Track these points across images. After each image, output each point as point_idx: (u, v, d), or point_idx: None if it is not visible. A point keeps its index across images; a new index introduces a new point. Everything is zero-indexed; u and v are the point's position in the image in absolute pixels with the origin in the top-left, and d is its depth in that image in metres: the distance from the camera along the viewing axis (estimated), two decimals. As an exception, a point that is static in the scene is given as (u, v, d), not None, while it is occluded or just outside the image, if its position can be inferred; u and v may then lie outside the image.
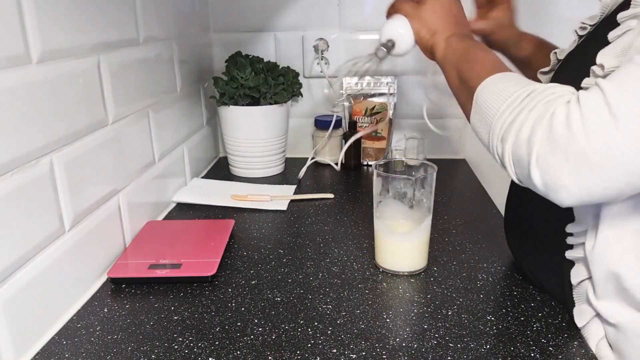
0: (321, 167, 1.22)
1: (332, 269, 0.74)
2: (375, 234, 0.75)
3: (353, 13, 1.22)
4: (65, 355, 0.57)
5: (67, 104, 0.64)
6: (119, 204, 0.79)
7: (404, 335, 0.59)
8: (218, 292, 0.69)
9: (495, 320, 0.62)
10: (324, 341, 0.58)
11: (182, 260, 0.73)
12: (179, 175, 1.05)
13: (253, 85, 1.08)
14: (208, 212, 0.96)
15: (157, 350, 0.57)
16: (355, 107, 1.21)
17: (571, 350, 0.56)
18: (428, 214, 0.72)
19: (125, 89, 0.80)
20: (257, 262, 0.77)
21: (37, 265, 0.59)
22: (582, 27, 0.69)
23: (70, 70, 0.65)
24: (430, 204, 0.72)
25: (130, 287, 0.70)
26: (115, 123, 0.77)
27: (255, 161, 1.15)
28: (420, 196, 0.71)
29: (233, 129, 1.13)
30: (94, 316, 0.64)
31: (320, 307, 0.65)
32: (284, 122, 1.17)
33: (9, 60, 0.54)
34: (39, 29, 0.59)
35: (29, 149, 0.57)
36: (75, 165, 0.66)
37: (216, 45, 1.26)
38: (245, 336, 0.59)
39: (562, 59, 0.70)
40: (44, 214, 0.60)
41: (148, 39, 0.89)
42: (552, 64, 0.73)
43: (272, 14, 1.23)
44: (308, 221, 0.91)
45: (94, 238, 0.71)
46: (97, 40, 0.72)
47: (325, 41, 1.23)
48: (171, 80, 1.00)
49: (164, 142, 0.96)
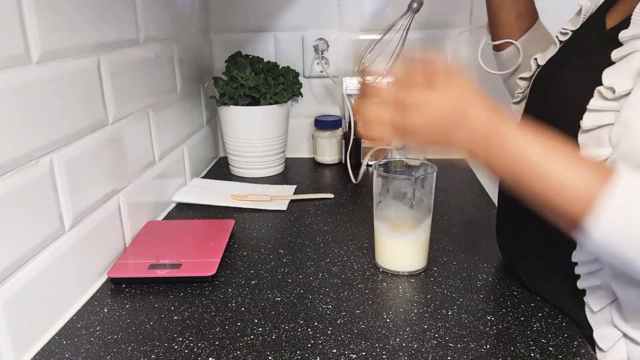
0: (321, 167, 1.22)
1: (332, 269, 0.74)
2: (375, 234, 0.75)
3: (353, 13, 1.22)
4: (65, 355, 0.57)
5: (67, 104, 0.64)
6: (119, 204, 0.79)
7: (404, 335, 0.59)
8: (218, 292, 0.69)
9: (495, 320, 0.62)
10: (324, 341, 0.58)
11: (182, 260, 0.73)
12: (179, 175, 1.05)
13: (253, 85, 1.08)
14: (208, 212, 0.96)
15: (157, 350, 0.57)
16: (356, 107, 1.21)
17: (571, 350, 0.56)
18: (428, 214, 0.72)
19: (125, 89, 0.80)
20: (257, 262, 0.77)
21: (37, 265, 0.59)
22: (564, 33, 0.68)
23: (70, 70, 0.65)
24: (430, 204, 0.72)
25: (130, 287, 0.70)
26: (115, 123, 0.77)
27: (255, 161, 1.15)
28: (420, 196, 0.71)
29: (233, 129, 1.13)
30: (94, 316, 0.64)
31: (320, 307, 0.65)
32: (284, 122, 1.17)
33: (9, 60, 0.54)
34: (39, 29, 0.59)
35: (29, 149, 0.57)
36: (75, 165, 0.66)
37: (216, 45, 1.26)
38: (245, 336, 0.59)
39: (543, 65, 0.69)
40: (44, 214, 0.60)
41: (148, 39, 0.89)
42: (532, 70, 0.71)
43: (272, 14, 1.23)
44: (308, 221, 0.91)
45: (94, 238, 0.71)
46: (97, 40, 0.72)
47: (325, 41, 1.23)
48: (171, 80, 1.00)
49: (164, 142, 0.96)
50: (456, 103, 0.50)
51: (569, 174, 0.47)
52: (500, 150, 0.49)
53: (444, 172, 1.06)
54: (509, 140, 0.49)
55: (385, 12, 1.21)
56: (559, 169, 0.48)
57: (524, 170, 0.49)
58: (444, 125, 0.50)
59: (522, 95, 0.74)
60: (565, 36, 0.68)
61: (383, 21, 1.22)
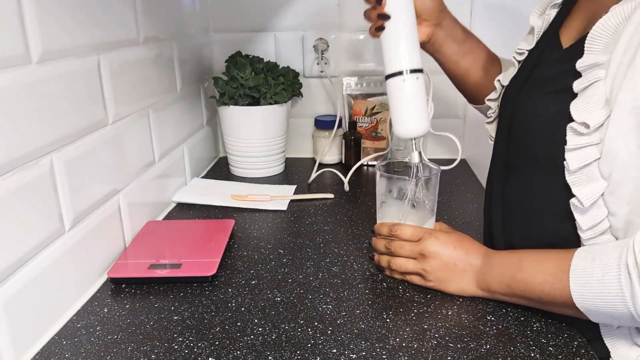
0: (321, 167, 1.22)
1: (332, 269, 0.74)
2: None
3: (353, 13, 1.22)
4: (65, 355, 0.57)
5: (67, 104, 0.64)
6: (119, 204, 0.79)
7: (404, 335, 0.59)
8: (218, 292, 0.69)
9: (495, 320, 0.62)
10: (324, 341, 0.58)
11: (182, 260, 0.73)
12: (179, 175, 1.05)
13: (253, 85, 1.08)
14: (208, 212, 0.96)
15: (157, 350, 0.57)
16: (355, 107, 1.21)
17: (571, 350, 0.56)
18: (431, 216, 0.72)
19: (125, 89, 0.80)
20: (257, 262, 0.77)
21: (37, 265, 0.59)
22: (520, 53, 0.71)
23: (70, 70, 0.65)
24: (434, 206, 0.72)
25: (130, 287, 0.70)
26: (115, 123, 0.77)
27: (255, 161, 1.15)
28: (423, 197, 0.71)
29: (233, 129, 1.13)
30: (94, 316, 0.64)
31: (320, 307, 0.65)
32: (284, 122, 1.17)
33: (9, 60, 0.54)
34: (39, 29, 0.59)
35: (29, 149, 0.57)
36: (75, 165, 0.66)
37: (216, 45, 1.26)
38: (245, 336, 0.59)
39: (508, 85, 0.71)
40: (44, 214, 0.60)
41: (148, 39, 0.89)
42: (498, 91, 0.74)
43: (272, 14, 1.23)
44: (308, 221, 0.91)
45: (94, 238, 0.71)
46: (97, 40, 0.72)
47: (325, 41, 1.23)
48: (171, 80, 1.00)
49: (164, 142, 0.96)
50: (457, 241, 0.66)
51: (544, 275, 0.57)
52: (501, 286, 0.62)
53: (443, 172, 1.05)
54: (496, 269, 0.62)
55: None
56: (535, 275, 0.58)
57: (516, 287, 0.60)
58: (452, 261, 0.65)
59: (494, 114, 0.78)
60: (522, 56, 0.70)
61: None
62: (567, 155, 0.56)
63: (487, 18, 1.17)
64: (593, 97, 0.54)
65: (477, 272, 0.64)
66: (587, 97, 0.54)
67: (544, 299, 0.57)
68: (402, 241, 0.69)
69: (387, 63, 0.69)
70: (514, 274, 0.60)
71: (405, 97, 0.68)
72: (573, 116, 0.55)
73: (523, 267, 0.59)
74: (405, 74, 0.67)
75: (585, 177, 0.55)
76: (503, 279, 0.61)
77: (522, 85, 0.66)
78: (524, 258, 0.60)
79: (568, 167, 0.56)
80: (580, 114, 0.54)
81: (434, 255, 0.65)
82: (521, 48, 0.70)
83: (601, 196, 0.54)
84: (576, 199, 0.56)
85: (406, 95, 0.68)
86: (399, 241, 0.69)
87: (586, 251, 0.55)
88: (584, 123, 0.54)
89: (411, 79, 0.67)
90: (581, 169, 0.55)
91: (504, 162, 0.68)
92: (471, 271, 0.64)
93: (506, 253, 0.63)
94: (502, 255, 0.63)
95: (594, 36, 0.55)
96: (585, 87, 0.55)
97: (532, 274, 0.58)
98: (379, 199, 0.73)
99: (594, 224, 0.56)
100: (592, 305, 0.53)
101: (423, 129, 0.68)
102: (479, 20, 1.18)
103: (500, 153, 0.70)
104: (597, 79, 0.53)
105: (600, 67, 0.54)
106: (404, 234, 0.68)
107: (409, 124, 0.68)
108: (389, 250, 0.70)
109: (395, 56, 0.68)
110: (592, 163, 0.54)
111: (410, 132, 0.68)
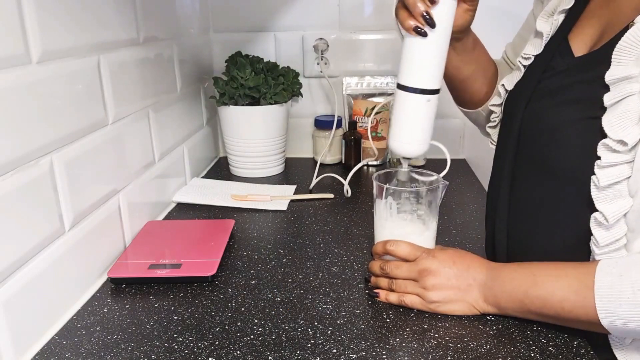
0: (321, 167, 1.22)
1: (332, 269, 0.74)
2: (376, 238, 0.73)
3: (353, 13, 1.22)
4: (65, 355, 0.57)
5: (67, 104, 0.64)
6: (119, 204, 0.79)
7: (404, 335, 0.59)
8: (218, 292, 0.69)
9: (495, 320, 0.62)
10: (324, 341, 0.58)
11: (182, 260, 0.73)
12: (179, 175, 1.05)
13: (253, 85, 1.08)
14: (208, 212, 0.96)
15: (157, 350, 0.57)
16: (356, 107, 1.21)
17: (571, 350, 0.56)
18: (431, 231, 0.70)
19: (125, 89, 0.80)
20: (257, 262, 0.77)
21: (37, 265, 0.59)
22: (526, 58, 0.68)
23: (70, 70, 0.65)
24: (434, 220, 0.70)
25: (130, 287, 0.70)
26: (115, 123, 0.77)
27: (255, 161, 1.15)
28: (426, 209, 0.69)
29: (233, 129, 1.13)
30: (94, 316, 0.64)
31: (320, 307, 0.65)
32: (284, 122, 1.17)
33: (9, 60, 0.54)
34: (39, 29, 0.59)
35: (29, 149, 0.57)
36: (75, 165, 0.66)
37: (216, 45, 1.26)
38: (245, 336, 0.59)
39: (512, 90, 0.69)
40: (44, 214, 0.60)
41: (148, 39, 0.89)
42: (502, 96, 0.71)
43: (272, 14, 1.23)
44: (308, 221, 0.91)
45: (94, 238, 0.71)
46: (97, 40, 0.72)
47: (325, 41, 1.23)
48: (171, 80, 1.00)
49: (164, 142, 0.96)
50: (457, 256, 0.63)
51: (564, 291, 0.54)
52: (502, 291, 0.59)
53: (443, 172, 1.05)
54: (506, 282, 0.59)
55: (385, 11, 1.21)
56: (554, 291, 0.55)
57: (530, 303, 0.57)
58: (454, 277, 0.62)
59: (497, 119, 0.76)
60: (528, 61, 0.68)
61: (383, 21, 1.22)
62: (598, 172, 0.53)
63: (487, 18, 1.17)
64: (628, 113, 0.51)
65: (482, 286, 0.60)
66: (622, 113, 0.52)
67: (564, 316, 0.55)
68: (398, 262, 0.66)
69: (414, 74, 0.61)
70: (527, 290, 0.57)
71: (420, 117, 0.62)
72: (607, 132, 0.52)
73: (539, 283, 0.56)
74: (432, 94, 0.61)
75: (612, 194, 0.53)
76: (515, 294, 0.58)
77: (531, 92, 0.64)
78: (538, 273, 0.57)
79: (598, 183, 0.53)
80: (615, 131, 0.52)
81: (433, 273, 0.62)
82: (527, 53, 0.68)
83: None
84: (600, 215, 0.54)
85: (423, 115, 0.62)
86: (396, 262, 0.66)
87: (610, 265, 0.52)
88: (621, 140, 0.51)
89: (434, 101, 0.62)
90: (610, 186, 0.53)
91: (511, 170, 0.66)
92: (475, 285, 0.61)
93: (515, 267, 0.60)
94: (512, 269, 0.60)
95: (623, 47, 0.53)
96: (618, 101, 0.52)
97: (550, 291, 0.55)
98: (376, 214, 0.71)
99: (613, 240, 0.54)
100: (620, 323, 0.51)
101: (422, 151, 0.65)
102: (480, 20, 1.18)
103: (506, 160, 0.67)
104: (630, 93, 0.51)
105: (633, 80, 0.51)
106: (399, 250, 0.65)
107: (411, 144, 0.64)
108: (384, 272, 0.66)
109: (428, 72, 0.61)
110: (622, 181, 0.52)
111: (410, 152, 0.64)
